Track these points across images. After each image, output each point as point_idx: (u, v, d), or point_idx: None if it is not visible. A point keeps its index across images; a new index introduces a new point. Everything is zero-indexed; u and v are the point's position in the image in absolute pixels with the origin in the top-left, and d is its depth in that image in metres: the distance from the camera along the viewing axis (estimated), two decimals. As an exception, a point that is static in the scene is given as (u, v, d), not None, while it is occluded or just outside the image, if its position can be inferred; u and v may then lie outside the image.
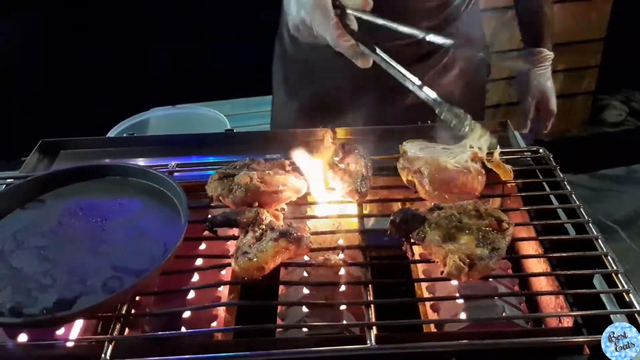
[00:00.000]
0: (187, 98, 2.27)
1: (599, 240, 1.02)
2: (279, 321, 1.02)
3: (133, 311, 0.97)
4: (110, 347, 0.87)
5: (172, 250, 0.96)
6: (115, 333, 0.90)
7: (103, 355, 0.86)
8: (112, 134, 1.74)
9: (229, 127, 1.62)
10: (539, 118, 1.70)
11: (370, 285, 0.96)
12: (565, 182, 1.16)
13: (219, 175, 1.10)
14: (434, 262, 0.98)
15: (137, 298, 0.99)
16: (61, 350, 0.92)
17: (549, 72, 1.69)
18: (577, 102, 3.73)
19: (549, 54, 1.68)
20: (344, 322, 0.99)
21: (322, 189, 1.15)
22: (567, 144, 3.52)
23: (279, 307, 1.04)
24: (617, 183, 3.53)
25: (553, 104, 1.69)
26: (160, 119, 1.85)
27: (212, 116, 1.76)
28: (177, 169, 1.23)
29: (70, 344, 0.94)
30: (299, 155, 1.15)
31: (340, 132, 1.36)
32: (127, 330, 0.99)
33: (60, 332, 0.98)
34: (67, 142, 1.41)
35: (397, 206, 1.19)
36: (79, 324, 1.00)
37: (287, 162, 1.15)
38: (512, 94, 3.57)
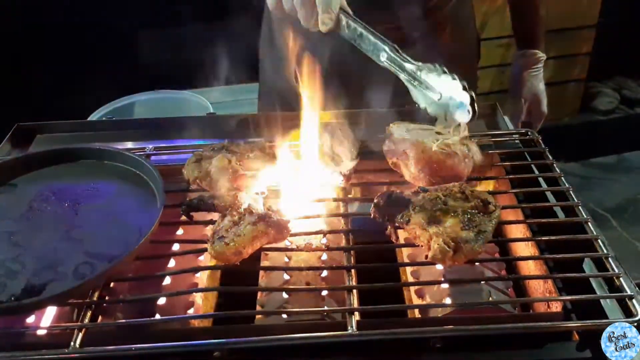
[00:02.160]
0: (174, 84, 2.23)
1: (589, 224, 1.00)
2: (258, 307, 0.99)
3: (106, 298, 0.93)
4: (80, 334, 0.83)
5: (146, 235, 0.92)
6: (86, 320, 0.86)
7: (72, 343, 0.82)
8: (93, 118, 1.70)
9: (211, 111, 1.58)
10: (530, 119, 1.71)
11: (352, 270, 0.93)
12: (555, 165, 1.13)
13: (196, 157, 1.06)
14: (418, 246, 0.95)
15: (111, 284, 0.96)
16: (31, 339, 0.89)
17: (541, 74, 1.70)
18: (569, 90, 3.70)
19: (542, 55, 1.68)
20: (325, 307, 0.96)
21: (305, 171, 1.11)
22: (558, 131, 3.49)
23: (259, 293, 1.01)
24: (608, 171, 3.52)
25: (544, 105, 1.71)
26: (143, 104, 1.81)
27: (195, 101, 1.72)
28: (154, 152, 1.19)
29: (41, 332, 0.91)
30: (280, 137, 1.11)
31: (327, 115, 1.33)
32: (100, 317, 0.96)
33: (31, 319, 0.95)
34: (43, 126, 1.37)
35: (381, 189, 1.15)
36: (53, 312, 0.97)
37: (268, 144, 1.12)
38: (503, 81, 3.55)
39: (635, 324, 0.83)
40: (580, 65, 3.64)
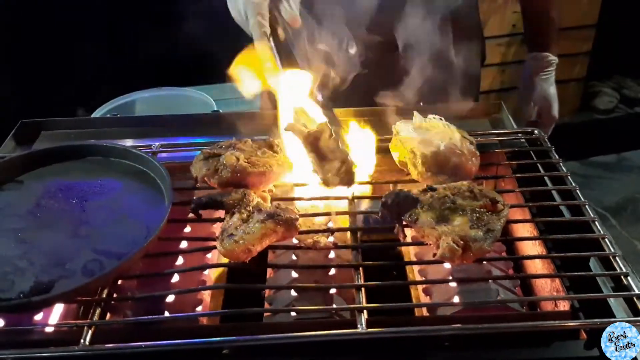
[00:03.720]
0: (175, 81, 2.22)
1: (596, 223, 1.00)
2: (266, 305, 0.99)
3: (114, 295, 0.93)
4: (90, 332, 0.83)
5: (154, 232, 0.92)
6: (95, 318, 0.86)
7: (82, 340, 0.82)
8: (96, 115, 1.69)
9: (215, 108, 1.58)
10: (540, 124, 1.68)
11: (360, 268, 0.93)
12: (561, 164, 1.14)
13: (204, 155, 1.06)
14: (426, 244, 0.95)
15: (119, 282, 0.96)
16: (40, 336, 0.89)
17: (553, 78, 1.67)
18: (569, 89, 3.70)
19: (553, 59, 1.65)
20: (334, 306, 0.96)
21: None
22: (557, 130, 3.49)
23: (267, 291, 1.01)
24: (608, 170, 3.53)
25: (555, 110, 1.68)
26: (145, 101, 1.80)
27: (198, 98, 1.72)
28: (161, 149, 1.19)
29: (49, 329, 0.91)
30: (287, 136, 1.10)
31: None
32: (108, 315, 0.96)
33: (39, 317, 0.94)
34: (47, 122, 1.37)
35: (388, 188, 1.15)
36: (59, 309, 0.97)
37: (275, 142, 1.12)
38: (504, 80, 3.55)
39: (643, 322, 0.83)
40: (581, 65, 3.64)
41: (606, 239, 0.97)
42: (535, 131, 1.24)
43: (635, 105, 3.81)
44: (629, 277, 0.90)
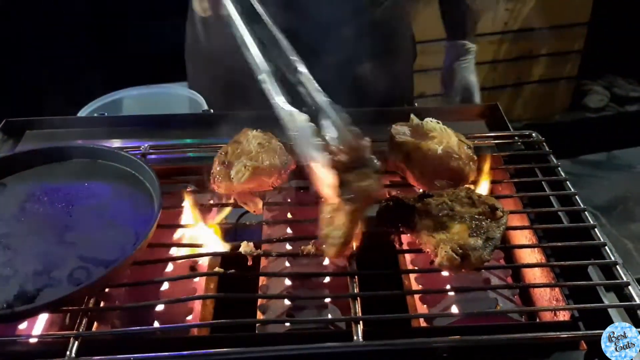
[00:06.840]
0: (164, 78, 2.18)
1: (596, 230, 0.98)
2: (259, 315, 0.96)
3: (102, 304, 0.90)
4: (77, 343, 0.81)
5: (143, 239, 0.89)
6: (82, 328, 0.83)
7: (68, 352, 0.80)
8: (82, 114, 1.64)
9: (206, 108, 1.54)
10: None
11: (356, 277, 0.91)
12: (560, 169, 1.12)
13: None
14: (422, 252, 0.93)
15: (107, 290, 0.93)
16: (24, 347, 0.86)
17: (473, 65, 1.68)
18: (560, 87, 3.71)
19: (471, 46, 1.66)
20: (329, 316, 0.93)
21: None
22: (548, 129, 3.49)
23: (260, 300, 0.98)
24: (598, 169, 3.52)
25: (477, 98, 1.68)
26: (133, 99, 1.75)
27: (188, 97, 1.68)
28: (150, 151, 1.15)
29: (33, 340, 0.88)
30: None
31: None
32: (95, 325, 0.93)
33: (23, 327, 0.91)
34: (32, 121, 1.33)
35: (384, 193, 1.13)
36: (44, 319, 0.94)
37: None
38: (495, 78, 3.54)
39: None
40: (572, 63, 3.65)
41: (606, 247, 0.95)
42: (533, 134, 1.22)
43: (625, 104, 3.82)
44: (629, 287, 0.88)
